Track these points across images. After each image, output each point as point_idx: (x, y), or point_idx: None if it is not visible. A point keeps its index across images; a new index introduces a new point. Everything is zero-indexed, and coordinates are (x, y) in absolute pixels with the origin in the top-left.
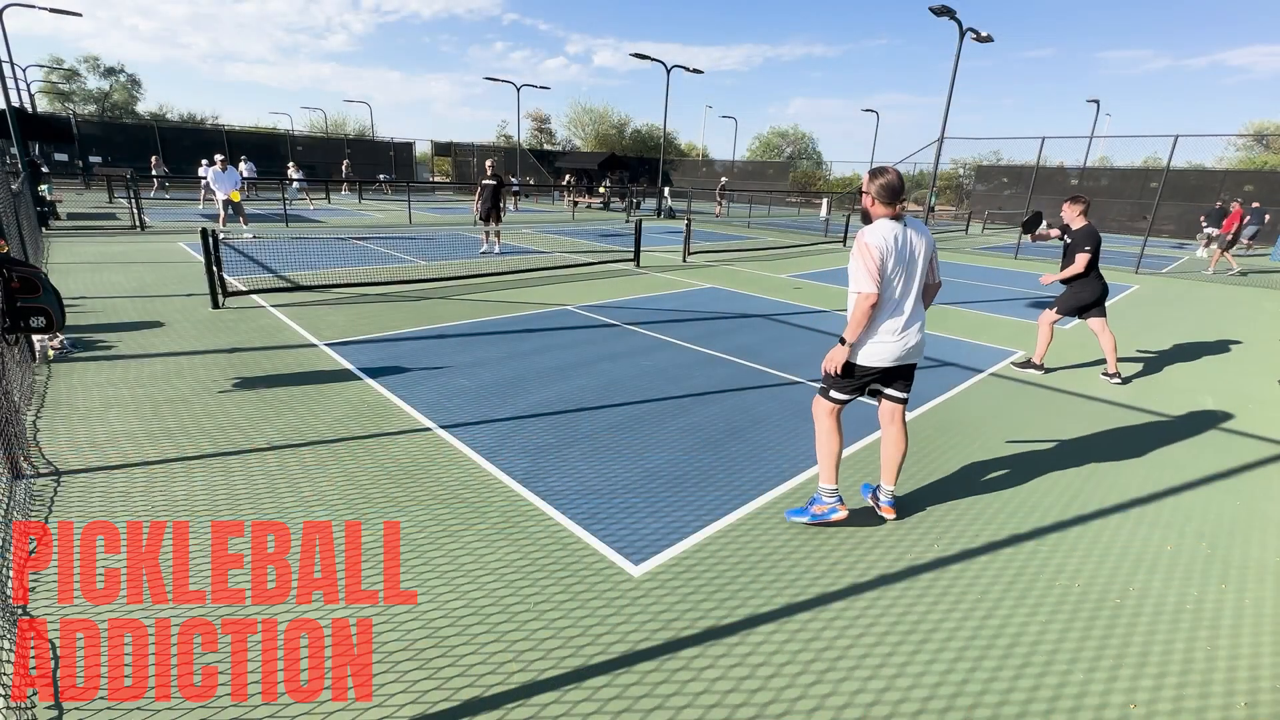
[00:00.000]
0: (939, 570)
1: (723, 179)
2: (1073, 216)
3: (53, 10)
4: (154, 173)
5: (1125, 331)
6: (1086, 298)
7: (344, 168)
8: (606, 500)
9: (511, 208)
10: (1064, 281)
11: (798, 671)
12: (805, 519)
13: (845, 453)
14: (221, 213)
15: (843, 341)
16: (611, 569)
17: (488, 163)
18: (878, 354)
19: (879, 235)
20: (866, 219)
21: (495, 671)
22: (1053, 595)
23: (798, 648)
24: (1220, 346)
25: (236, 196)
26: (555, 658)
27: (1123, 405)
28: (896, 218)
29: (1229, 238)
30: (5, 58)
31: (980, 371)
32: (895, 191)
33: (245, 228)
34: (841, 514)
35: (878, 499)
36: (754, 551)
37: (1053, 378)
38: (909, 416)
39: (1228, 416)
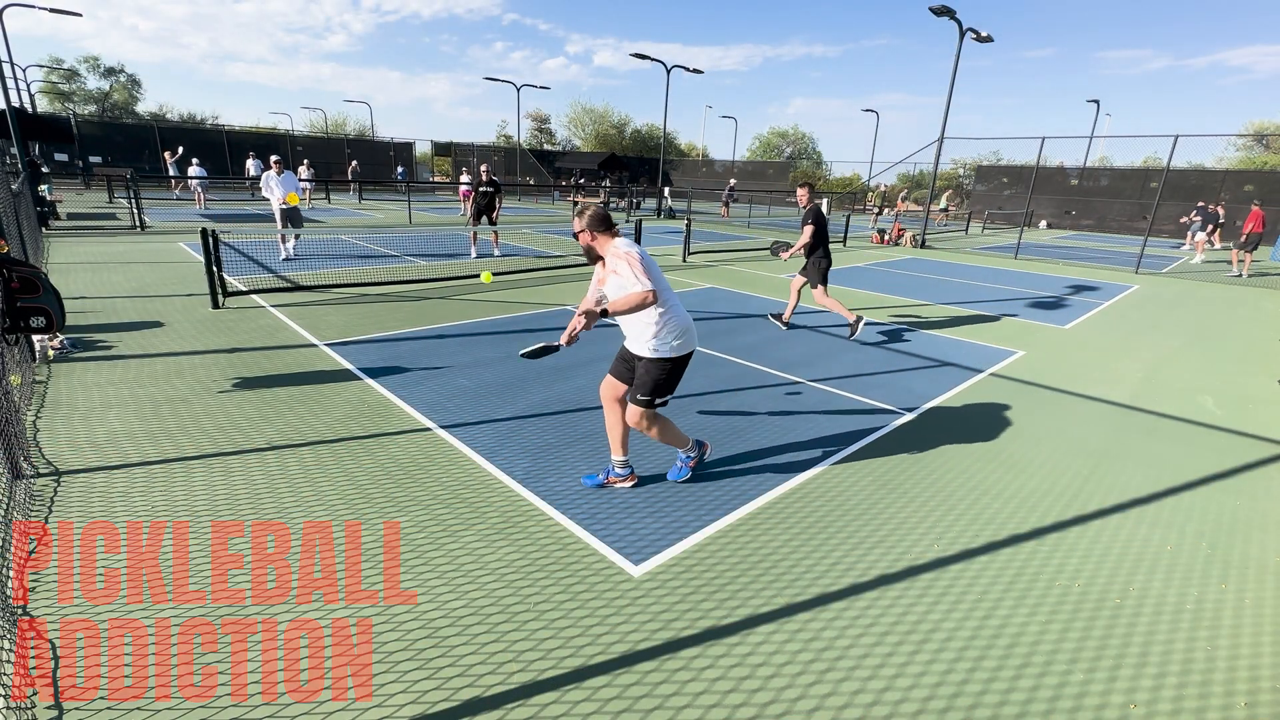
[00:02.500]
0: (939, 570)
1: (731, 181)
2: (802, 199)
3: (53, 10)
4: (172, 172)
5: (1126, 331)
6: (826, 266)
7: (350, 169)
8: (606, 500)
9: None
10: (805, 254)
11: (797, 671)
12: (594, 484)
13: (847, 451)
14: (280, 227)
15: (604, 314)
16: (611, 569)
17: (483, 167)
18: (682, 347)
19: (630, 244)
20: (592, 255)
21: (495, 671)
22: (1053, 595)
23: (798, 648)
24: (1220, 346)
25: (295, 199)
26: (555, 658)
27: (1123, 405)
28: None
29: (1255, 238)
30: (5, 58)
31: (980, 371)
32: (606, 219)
33: (290, 246)
34: (631, 481)
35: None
36: (754, 551)
37: (1053, 378)
38: (905, 417)
39: (1228, 416)
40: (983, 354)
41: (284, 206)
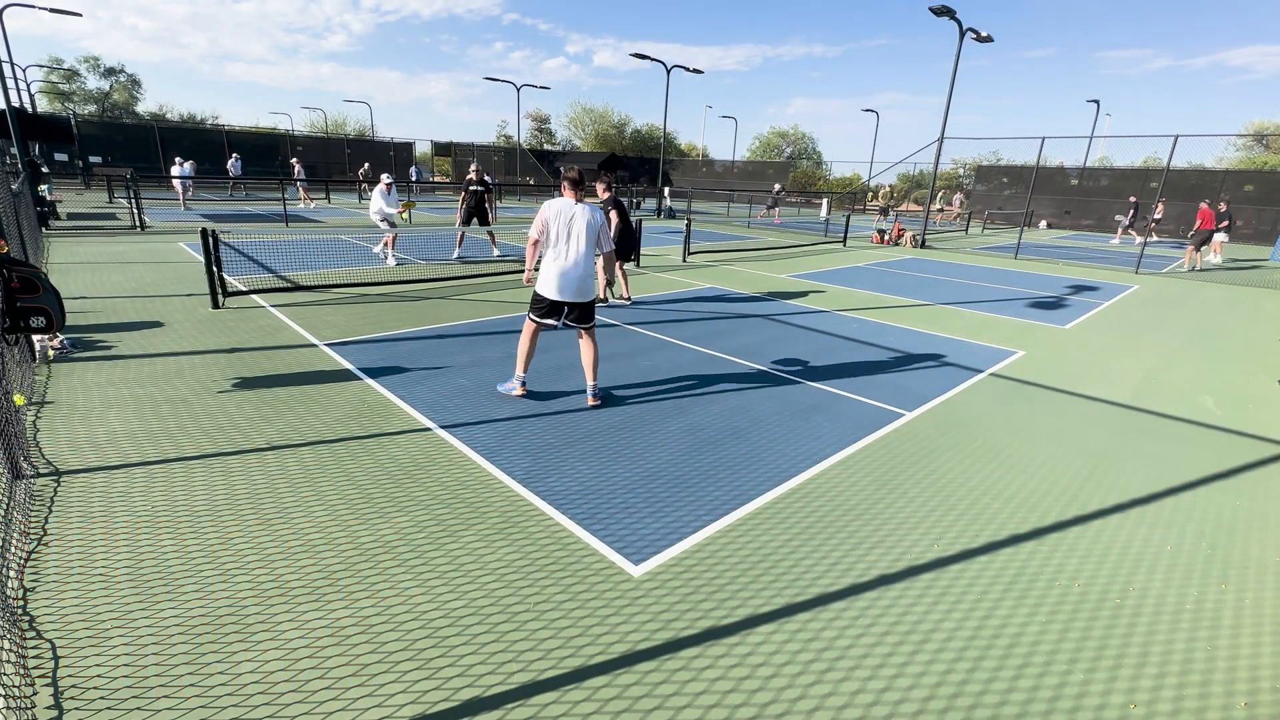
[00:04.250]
0: (939, 570)
1: (777, 185)
2: (600, 192)
3: (53, 10)
4: (184, 171)
5: (1126, 331)
6: (628, 245)
7: (365, 168)
8: (606, 500)
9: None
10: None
11: (797, 671)
12: (501, 389)
13: (847, 451)
14: (388, 235)
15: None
16: (611, 569)
17: (472, 167)
18: (546, 288)
19: (551, 205)
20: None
21: (495, 671)
22: (1053, 595)
23: (797, 648)
24: (1220, 346)
25: (410, 205)
26: (555, 658)
27: (1122, 405)
28: (577, 200)
29: (1205, 234)
30: (5, 58)
31: (980, 371)
32: (576, 183)
33: (391, 252)
34: (519, 392)
35: (587, 394)
36: (754, 551)
37: (1052, 378)
38: (905, 417)
39: (1228, 416)
40: (983, 354)
41: (392, 214)
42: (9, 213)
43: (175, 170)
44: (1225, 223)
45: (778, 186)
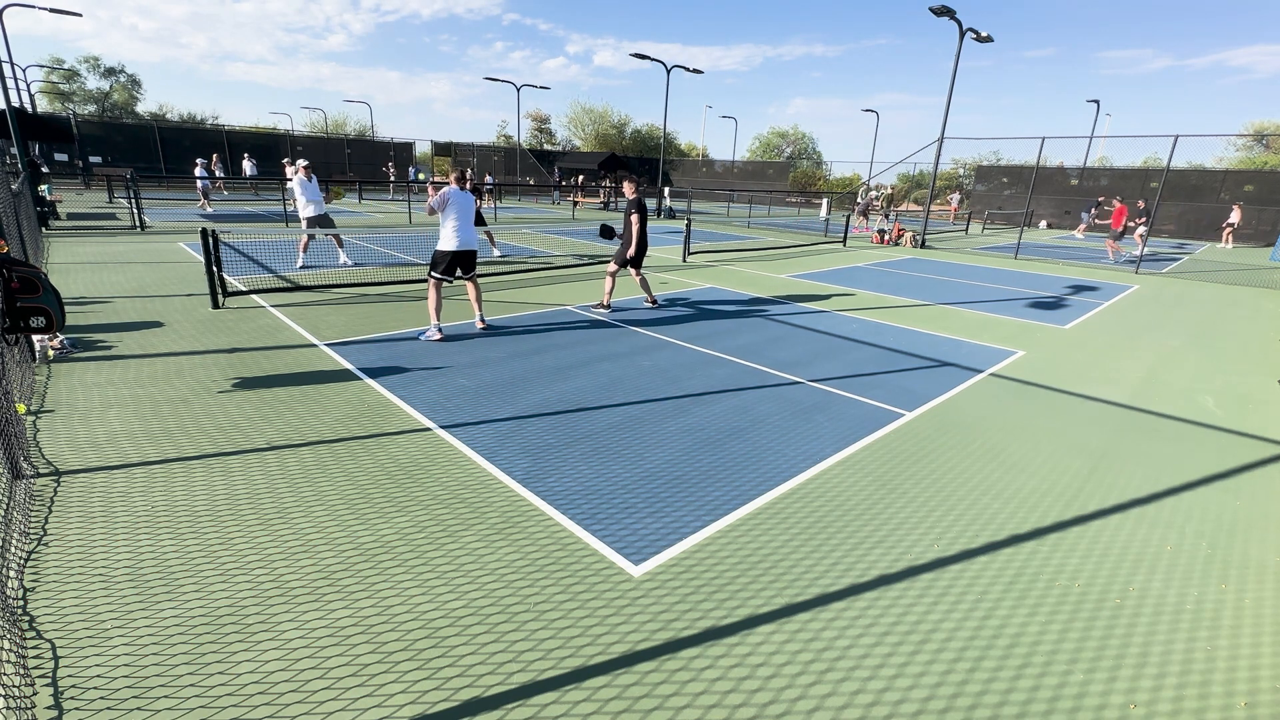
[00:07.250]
0: (939, 570)
1: (873, 191)
2: (627, 191)
3: (53, 10)
4: (217, 172)
5: (1126, 331)
6: (629, 254)
7: (390, 169)
8: (606, 500)
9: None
10: (622, 238)
11: (797, 672)
12: (423, 338)
13: (847, 451)
14: (304, 238)
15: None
16: (611, 569)
17: (466, 173)
18: (448, 245)
19: (444, 190)
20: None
21: (495, 672)
22: (1053, 595)
23: (797, 648)
24: (1220, 346)
25: (339, 194)
26: (555, 658)
27: (1122, 405)
28: (460, 189)
29: (1118, 230)
30: (5, 58)
31: (980, 371)
32: (461, 177)
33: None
34: (438, 337)
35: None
36: (754, 551)
37: (1052, 378)
38: (905, 417)
39: (1228, 416)
40: (983, 354)
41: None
42: (9, 213)
43: (199, 171)
44: (1144, 218)
45: (874, 193)
